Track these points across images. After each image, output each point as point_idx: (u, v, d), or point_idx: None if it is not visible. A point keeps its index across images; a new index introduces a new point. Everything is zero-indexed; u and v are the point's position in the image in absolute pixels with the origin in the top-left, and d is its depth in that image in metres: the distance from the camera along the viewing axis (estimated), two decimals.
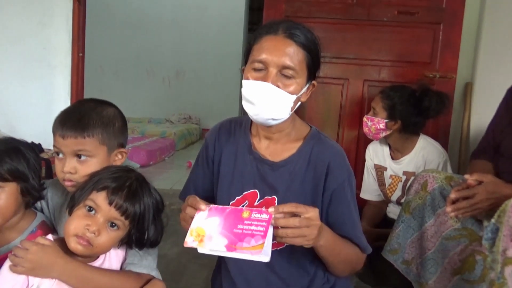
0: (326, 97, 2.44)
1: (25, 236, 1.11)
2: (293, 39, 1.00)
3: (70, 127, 1.04)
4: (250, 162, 1.10)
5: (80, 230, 0.94)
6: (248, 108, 1.02)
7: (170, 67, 5.94)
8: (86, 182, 1.02)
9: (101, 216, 0.95)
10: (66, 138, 1.04)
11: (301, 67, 1.01)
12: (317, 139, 1.10)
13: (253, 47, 1.03)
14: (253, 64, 1.00)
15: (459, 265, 1.33)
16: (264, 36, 1.02)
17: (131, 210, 0.97)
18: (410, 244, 1.43)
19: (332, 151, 1.08)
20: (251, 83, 1.00)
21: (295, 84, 1.00)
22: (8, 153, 1.06)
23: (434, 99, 1.85)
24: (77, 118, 1.06)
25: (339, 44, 2.39)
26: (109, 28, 5.87)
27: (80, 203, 0.98)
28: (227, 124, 1.19)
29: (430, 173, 1.39)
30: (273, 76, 0.98)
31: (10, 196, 1.05)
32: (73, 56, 2.16)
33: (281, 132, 1.09)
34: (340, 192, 1.05)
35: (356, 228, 1.08)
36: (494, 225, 1.17)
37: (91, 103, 1.13)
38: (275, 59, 0.98)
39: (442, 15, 2.27)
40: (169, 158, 4.58)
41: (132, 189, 0.98)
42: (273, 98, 0.98)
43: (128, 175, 1.01)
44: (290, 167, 1.07)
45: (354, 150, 2.42)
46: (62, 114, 1.09)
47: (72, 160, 1.06)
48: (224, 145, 1.15)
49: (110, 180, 0.98)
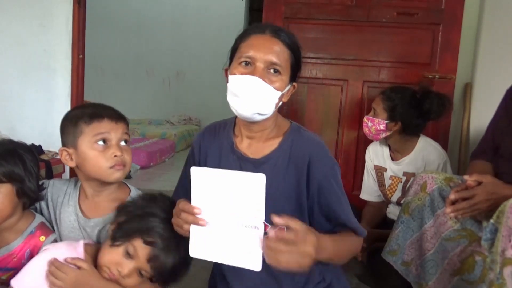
0: (325, 98, 2.44)
1: (24, 237, 1.12)
2: (279, 39, 1.05)
3: (119, 114, 1.15)
4: (234, 162, 1.12)
5: (112, 267, 1.00)
6: (234, 102, 1.04)
7: (170, 68, 5.95)
8: (134, 213, 1.05)
9: (135, 265, 0.99)
10: (119, 122, 1.13)
11: (286, 66, 1.06)
12: (296, 134, 1.12)
13: (240, 45, 1.07)
14: (241, 60, 1.04)
15: (459, 266, 1.33)
16: (252, 35, 1.06)
17: (164, 269, 1.01)
18: (410, 245, 1.43)
19: (312, 144, 1.10)
20: (238, 77, 1.02)
21: (281, 81, 1.04)
22: (4, 156, 1.07)
23: (435, 101, 1.85)
24: (111, 109, 1.17)
25: (338, 45, 2.39)
26: (109, 30, 5.88)
27: (123, 240, 1.00)
28: (211, 127, 1.22)
29: (429, 174, 1.39)
30: (261, 71, 1.01)
31: (5, 198, 1.06)
32: (73, 58, 2.16)
33: (263, 131, 1.11)
34: (326, 183, 1.07)
35: (348, 214, 1.10)
36: (493, 226, 1.17)
37: (93, 103, 1.25)
38: (263, 55, 1.02)
39: (441, 16, 2.28)
40: (170, 160, 4.58)
41: (176, 256, 1.01)
42: (260, 91, 1.01)
43: (177, 233, 1.01)
44: (272, 163, 1.09)
45: (353, 151, 2.42)
46: (92, 108, 1.15)
47: (119, 145, 1.13)
48: (209, 147, 1.17)
49: (159, 236, 1.00)
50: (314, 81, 2.43)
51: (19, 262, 1.10)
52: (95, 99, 5.52)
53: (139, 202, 1.09)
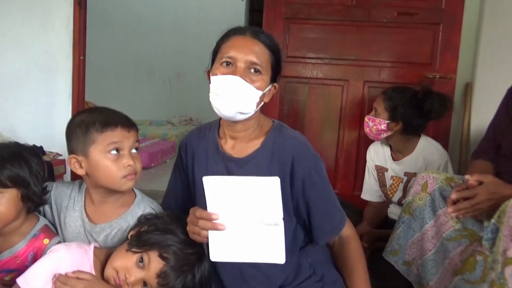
0: (326, 99, 2.44)
1: (28, 239, 1.12)
2: (259, 39, 1.08)
3: (130, 121, 1.13)
4: (220, 162, 1.15)
5: (121, 272, 1.01)
6: (216, 101, 1.07)
7: (171, 69, 5.94)
8: (158, 226, 1.06)
9: (144, 275, 1.00)
10: (131, 130, 1.12)
11: (267, 66, 1.08)
12: (278, 132, 1.15)
13: (221, 46, 1.10)
14: (222, 60, 1.07)
15: (460, 266, 1.33)
16: (232, 36, 1.09)
17: (170, 286, 1.01)
18: (411, 245, 1.43)
19: (294, 142, 1.13)
20: (220, 77, 1.06)
21: (261, 80, 1.07)
22: (10, 159, 1.07)
23: (436, 101, 1.85)
24: (122, 115, 1.15)
25: (339, 45, 2.39)
26: (109, 31, 5.88)
27: (140, 249, 1.01)
28: (197, 130, 1.26)
29: (430, 174, 1.39)
30: (242, 71, 1.04)
31: (10, 202, 1.06)
32: (74, 59, 2.16)
33: (246, 131, 1.13)
34: (310, 179, 1.10)
35: (330, 209, 1.15)
36: (494, 225, 1.17)
37: (101, 107, 1.21)
38: (244, 55, 1.05)
39: (441, 16, 2.28)
40: (171, 160, 4.57)
41: (187, 273, 1.03)
42: (241, 90, 1.04)
43: (191, 256, 1.04)
44: (256, 161, 1.11)
45: (354, 151, 2.42)
46: (104, 115, 1.12)
47: (131, 154, 1.12)
48: (195, 149, 1.21)
49: (174, 254, 1.01)
50: (314, 81, 2.43)
51: (22, 264, 1.11)
52: (96, 100, 5.53)
53: (164, 218, 1.11)
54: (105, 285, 1.02)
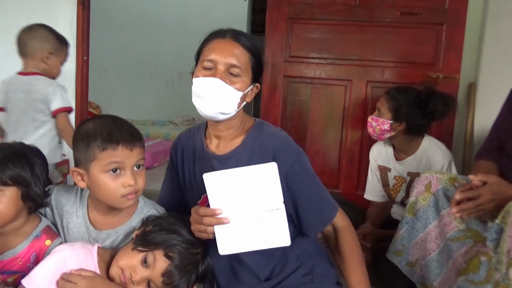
0: (329, 98, 2.44)
1: (30, 240, 1.12)
2: (239, 42, 1.11)
3: (134, 138, 1.08)
4: (205, 160, 1.18)
5: (126, 270, 1.01)
6: (198, 103, 1.10)
7: (174, 69, 5.95)
8: (163, 226, 1.06)
9: (149, 274, 1.01)
10: (134, 148, 1.07)
11: (247, 68, 1.11)
12: (259, 129, 1.18)
13: (202, 49, 1.13)
14: (203, 63, 1.10)
15: (464, 266, 1.32)
16: (213, 39, 1.12)
17: (174, 286, 1.02)
18: (414, 246, 1.42)
19: (274, 137, 1.15)
20: (201, 79, 1.09)
21: (241, 82, 1.10)
22: (12, 159, 1.07)
23: (440, 101, 1.85)
24: (128, 130, 1.10)
25: (342, 45, 2.39)
26: (112, 31, 5.89)
27: (145, 248, 1.02)
28: (186, 131, 1.30)
29: (434, 174, 1.39)
30: (222, 73, 1.08)
31: (9, 201, 1.06)
32: (77, 60, 2.18)
33: (228, 130, 1.17)
34: (293, 172, 1.11)
35: (323, 205, 1.16)
36: (498, 226, 1.17)
37: (108, 116, 1.15)
38: (223, 58, 1.08)
39: (445, 15, 2.27)
40: None
41: (191, 273, 1.04)
42: (221, 92, 1.07)
43: (196, 256, 1.05)
44: (236, 158, 1.14)
45: (357, 151, 2.42)
46: (107, 129, 1.06)
47: (133, 172, 1.08)
48: (184, 150, 1.25)
49: (179, 254, 1.02)
50: (317, 81, 2.43)
51: (25, 265, 1.10)
52: (99, 100, 5.54)
53: (170, 218, 1.11)
54: (108, 282, 1.02)
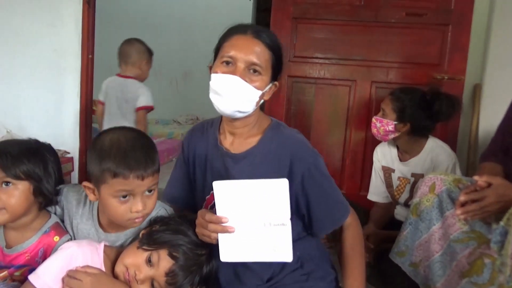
0: (333, 99, 2.43)
1: (39, 236, 1.14)
2: (260, 39, 1.08)
3: (148, 165, 1.04)
4: (218, 157, 1.16)
5: (131, 268, 1.02)
6: (215, 99, 1.08)
7: (178, 68, 5.97)
8: (169, 226, 1.07)
9: (153, 273, 1.01)
10: (146, 178, 1.04)
11: (267, 66, 1.08)
12: (276, 131, 1.16)
13: (222, 44, 1.10)
14: (222, 59, 1.07)
15: (468, 268, 1.32)
16: (234, 35, 1.09)
17: (178, 286, 1.02)
18: (418, 247, 1.42)
19: (292, 140, 1.14)
20: (220, 76, 1.06)
21: (261, 80, 1.08)
22: (27, 154, 1.10)
23: (445, 103, 1.84)
24: (143, 154, 1.04)
25: (346, 45, 2.38)
26: (116, 30, 5.90)
27: (150, 247, 1.03)
28: (199, 125, 1.28)
29: (438, 175, 1.38)
30: (241, 71, 1.05)
31: (21, 194, 1.08)
32: (82, 58, 2.18)
33: (244, 128, 1.14)
34: (309, 175, 1.10)
35: (336, 207, 1.15)
36: (503, 228, 1.16)
37: (128, 132, 1.10)
38: (244, 55, 1.05)
39: (450, 16, 2.26)
40: (176, 159, 4.60)
41: (195, 274, 1.04)
42: (240, 90, 1.05)
43: (201, 257, 1.06)
44: (251, 158, 1.12)
45: (361, 151, 2.41)
46: (121, 153, 1.03)
47: (142, 197, 1.06)
48: (196, 144, 1.23)
49: (184, 254, 1.03)
50: (322, 82, 2.43)
51: (33, 260, 1.12)
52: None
53: (176, 219, 1.12)
54: (112, 280, 1.03)
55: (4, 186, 1.07)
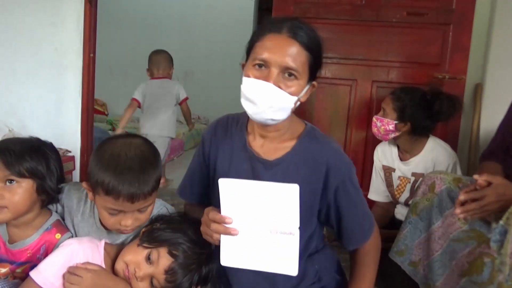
0: (334, 98, 2.44)
1: (40, 233, 1.15)
2: (296, 39, 0.97)
3: (138, 190, 1.00)
4: (245, 160, 1.09)
5: (131, 265, 1.02)
6: (247, 106, 1.00)
7: (179, 68, 5.92)
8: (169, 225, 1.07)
9: (152, 271, 1.02)
10: (136, 201, 1.02)
11: (303, 69, 0.99)
12: (312, 137, 1.09)
13: (255, 44, 1.00)
14: (255, 62, 0.98)
15: (467, 267, 1.32)
16: (267, 34, 0.99)
17: (177, 284, 1.02)
18: (417, 246, 1.42)
19: (329, 149, 1.08)
20: (252, 81, 0.97)
21: (297, 85, 0.99)
22: (30, 152, 1.10)
23: (445, 102, 1.84)
24: (137, 177, 1.01)
25: (347, 45, 2.38)
26: (117, 29, 5.92)
27: (150, 245, 1.03)
28: (224, 121, 1.18)
29: (438, 175, 1.39)
30: (275, 77, 0.96)
31: (25, 192, 1.09)
32: (84, 57, 2.18)
33: (277, 131, 1.07)
34: (343, 188, 1.07)
35: (361, 219, 1.11)
36: (502, 227, 1.16)
37: (132, 147, 1.06)
38: (278, 59, 0.96)
39: (451, 16, 2.26)
40: (178, 158, 4.60)
41: (194, 272, 1.04)
42: (274, 99, 0.96)
43: (200, 256, 1.05)
44: (284, 165, 1.06)
45: (362, 151, 2.41)
46: (116, 172, 1.00)
47: (133, 214, 1.06)
48: (220, 142, 1.14)
49: (183, 252, 1.03)
50: (323, 81, 2.42)
51: (34, 256, 1.13)
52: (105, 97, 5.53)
53: (177, 218, 1.12)
54: (112, 276, 1.03)
55: (8, 184, 1.08)
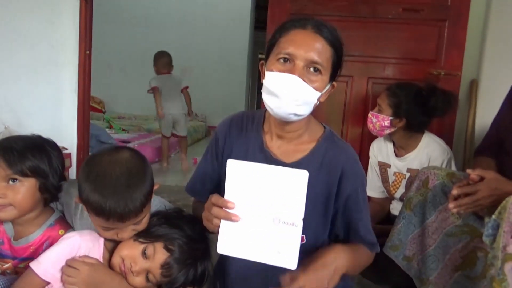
0: (330, 95, 2.43)
1: (44, 229, 1.16)
2: (322, 35, 0.98)
3: (125, 209, 0.96)
4: (262, 161, 1.05)
5: (127, 260, 1.03)
6: (270, 101, 0.98)
7: (177, 64, 5.94)
8: (165, 220, 1.07)
9: (148, 265, 1.03)
10: (127, 220, 0.99)
11: (328, 65, 0.99)
12: (331, 141, 1.08)
13: (279, 39, 1.00)
14: (279, 56, 0.97)
15: (460, 262, 1.33)
16: (293, 29, 0.99)
17: (173, 282, 1.03)
18: (411, 241, 1.43)
19: (347, 155, 1.07)
20: (276, 74, 0.96)
21: (321, 80, 0.98)
22: (32, 150, 1.10)
23: (441, 98, 1.84)
24: (126, 199, 0.96)
25: (343, 41, 2.39)
26: (115, 25, 5.91)
27: (146, 240, 1.04)
28: (239, 118, 1.16)
29: (432, 170, 1.40)
30: (300, 70, 0.95)
31: (28, 191, 1.10)
32: (80, 54, 2.18)
33: (296, 132, 1.06)
34: (354, 197, 1.06)
35: (368, 232, 1.10)
36: (495, 222, 1.17)
37: (120, 163, 1.00)
38: (303, 53, 0.95)
39: (447, 12, 2.27)
40: (175, 155, 4.61)
41: (187, 274, 1.04)
42: (299, 91, 0.95)
43: (196, 251, 1.06)
44: (302, 168, 1.05)
45: (358, 147, 2.42)
46: (104, 197, 0.95)
47: (128, 228, 1.04)
48: (235, 140, 1.13)
49: (179, 247, 1.03)
50: None
51: (37, 252, 1.13)
52: (102, 95, 5.53)
53: (174, 214, 1.13)
54: (109, 271, 1.04)
55: (11, 183, 1.08)
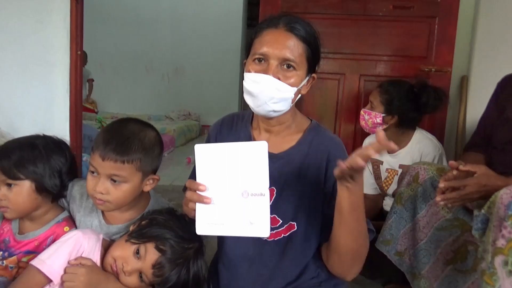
0: (322, 92, 2.45)
1: (51, 225, 1.18)
2: (293, 32, 1.01)
3: (111, 149, 1.06)
4: None
5: (119, 260, 1.04)
6: (249, 100, 1.03)
7: (169, 63, 5.95)
8: (157, 221, 1.08)
9: (140, 266, 1.03)
10: (106, 160, 1.06)
11: (301, 60, 1.02)
12: (316, 131, 1.12)
13: (254, 40, 1.05)
14: (254, 57, 1.02)
15: (452, 255, 1.35)
16: (265, 30, 1.03)
17: (166, 282, 1.04)
18: (403, 235, 1.45)
19: (331, 142, 1.11)
20: (252, 75, 1.01)
21: (296, 76, 1.02)
22: (25, 155, 1.11)
23: (432, 95, 1.87)
24: (120, 142, 1.08)
25: (335, 39, 2.40)
26: (108, 25, 5.87)
27: (138, 240, 1.05)
28: (229, 118, 1.21)
29: (422, 165, 1.41)
30: (274, 68, 1.00)
31: (24, 193, 1.11)
32: (71, 55, 2.17)
33: (282, 125, 1.10)
34: None
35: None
36: (484, 216, 1.18)
37: (135, 126, 1.15)
38: (276, 51, 0.99)
39: (437, 9, 2.28)
40: (169, 155, 4.59)
41: (180, 274, 1.05)
42: (274, 90, 0.99)
43: (187, 251, 1.06)
44: (289, 158, 1.09)
45: (351, 144, 2.44)
46: (105, 133, 1.10)
47: (106, 182, 1.08)
48: (226, 138, 1.16)
49: (170, 247, 1.04)
50: None
51: (41, 247, 1.15)
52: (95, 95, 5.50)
53: (164, 214, 1.13)
54: (103, 272, 1.05)
55: (7, 187, 1.11)
